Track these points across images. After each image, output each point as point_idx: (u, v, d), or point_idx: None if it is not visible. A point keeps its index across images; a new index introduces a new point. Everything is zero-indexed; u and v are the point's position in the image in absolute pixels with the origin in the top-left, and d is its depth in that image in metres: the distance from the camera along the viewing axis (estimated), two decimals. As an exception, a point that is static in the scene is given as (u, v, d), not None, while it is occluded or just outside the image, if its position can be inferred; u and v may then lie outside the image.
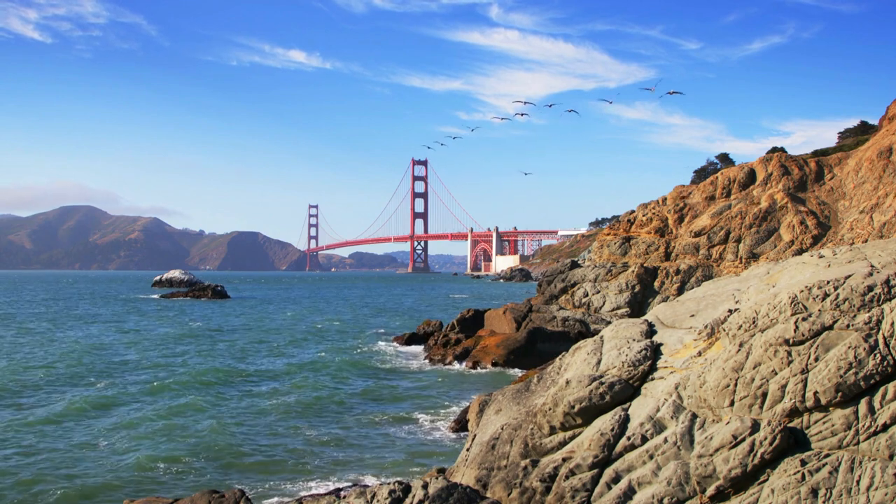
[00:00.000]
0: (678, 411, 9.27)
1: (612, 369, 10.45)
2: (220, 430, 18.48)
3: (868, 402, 8.10)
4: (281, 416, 20.38)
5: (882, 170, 39.97)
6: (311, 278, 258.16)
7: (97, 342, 38.76)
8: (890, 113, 45.94)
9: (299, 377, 27.34)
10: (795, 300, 9.07)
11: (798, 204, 40.44)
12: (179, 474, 14.94)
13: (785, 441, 8.19)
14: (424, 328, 41.41)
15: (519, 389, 12.40)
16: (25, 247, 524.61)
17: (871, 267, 9.40)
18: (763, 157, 45.38)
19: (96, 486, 14.19)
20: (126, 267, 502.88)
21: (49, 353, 33.56)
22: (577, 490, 9.17)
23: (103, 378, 26.68)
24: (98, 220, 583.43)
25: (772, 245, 38.74)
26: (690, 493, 8.46)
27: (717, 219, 41.17)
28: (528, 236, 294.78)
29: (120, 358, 32.51)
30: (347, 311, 69.49)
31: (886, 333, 8.30)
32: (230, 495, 11.04)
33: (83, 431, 18.46)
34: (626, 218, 52.41)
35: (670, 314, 12.22)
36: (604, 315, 35.89)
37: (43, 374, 27.47)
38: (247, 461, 15.91)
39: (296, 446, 17.17)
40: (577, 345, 12.36)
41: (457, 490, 9.16)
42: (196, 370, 28.99)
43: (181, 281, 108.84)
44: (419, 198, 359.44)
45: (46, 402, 21.99)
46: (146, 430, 18.53)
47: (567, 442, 10.02)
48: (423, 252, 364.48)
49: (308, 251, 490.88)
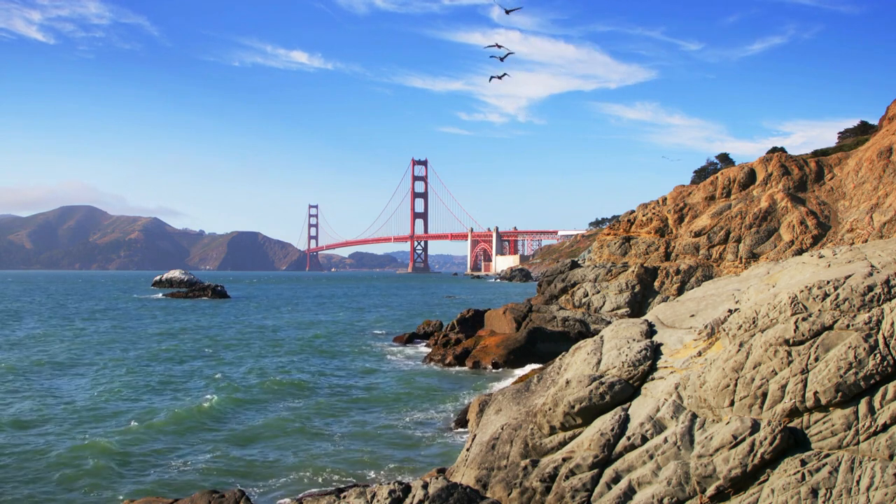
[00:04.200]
0: (678, 411, 9.27)
1: (612, 369, 10.44)
2: (220, 430, 18.47)
3: (868, 402, 8.10)
4: (280, 416, 20.37)
5: (882, 170, 39.98)
6: (311, 278, 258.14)
7: (104, 337, 38.77)
8: (890, 113, 45.95)
9: (298, 377, 27.34)
10: (795, 300, 9.07)
11: (798, 204, 40.43)
12: (179, 474, 14.94)
13: (785, 441, 8.19)
14: (424, 328, 41.41)
15: (519, 389, 12.40)
16: (25, 247, 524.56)
17: (871, 267, 9.40)
18: (763, 158, 45.38)
19: (96, 486, 14.18)
20: (126, 267, 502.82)
21: (55, 348, 33.57)
22: (577, 490, 9.17)
23: (102, 374, 26.69)
24: (98, 220, 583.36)
25: (772, 245, 38.74)
26: (690, 493, 8.46)
27: (717, 219, 41.17)
28: (528, 236, 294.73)
29: (120, 356, 32.50)
30: (347, 310, 69.48)
31: (886, 333, 8.30)
32: (230, 495, 11.04)
33: (83, 431, 18.45)
34: (626, 218, 52.42)
35: (670, 314, 12.23)
36: (604, 315, 35.89)
37: (49, 366, 27.48)
38: (247, 461, 15.90)
39: (295, 446, 17.16)
40: (577, 345, 12.36)
41: (457, 490, 9.16)
42: (194, 370, 29.00)
43: (181, 281, 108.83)
44: (419, 198, 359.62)
45: (48, 401, 21.99)
46: (146, 429, 18.53)
47: (567, 442, 10.02)
48: (423, 252, 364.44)
49: (308, 251, 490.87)
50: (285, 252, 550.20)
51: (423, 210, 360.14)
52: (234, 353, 34.85)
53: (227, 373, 28.43)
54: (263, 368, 29.66)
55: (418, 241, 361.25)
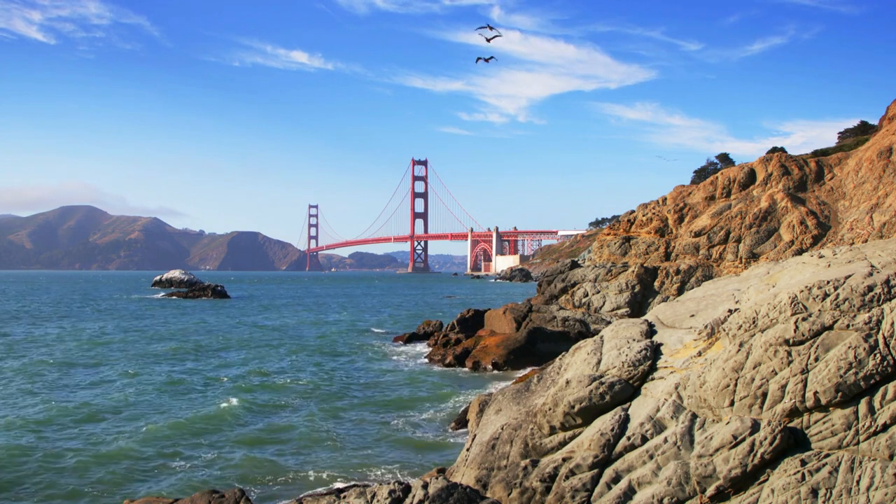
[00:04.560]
0: (678, 411, 9.26)
1: (612, 369, 10.44)
2: (220, 430, 18.47)
3: (868, 402, 8.10)
4: (279, 416, 20.38)
5: (882, 170, 39.97)
6: (311, 278, 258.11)
7: (105, 338, 38.76)
8: (890, 113, 45.94)
9: (298, 376, 27.35)
10: (795, 300, 9.07)
11: (798, 204, 40.43)
12: (179, 474, 14.94)
13: (785, 441, 8.18)
14: (424, 328, 41.41)
15: (519, 389, 12.40)
16: (25, 247, 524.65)
17: (871, 267, 9.39)
18: (763, 157, 45.36)
19: (96, 486, 14.18)
20: (126, 267, 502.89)
21: (58, 349, 33.58)
22: (577, 490, 9.17)
23: (102, 375, 26.69)
24: (98, 220, 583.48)
25: (772, 245, 38.73)
26: (690, 493, 8.45)
27: (717, 219, 41.17)
28: (528, 236, 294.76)
29: (120, 356, 32.52)
30: (347, 310, 69.47)
31: (886, 333, 8.30)
32: (230, 495, 11.03)
33: (82, 430, 18.45)
34: (626, 218, 52.40)
35: (670, 314, 12.22)
36: (604, 315, 35.88)
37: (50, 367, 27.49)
38: (246, 461, 15.90)
39: (295, 446, 17.17)
40: (577, 345, 12.35)
41: (457, 490, 9.15)
42: (193, 370, 29.00)
43: (181, 281, 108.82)
44: (419, 198, 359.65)
45: (51, 403, 21.99)
46: (146, 429, 18.53)
47: (567, 442, 10.02)
48: (423, 252, 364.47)
49: (308, 251, 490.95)
50: (285, 252, 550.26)
51: (423, 210, 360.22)
52: (234, 354, 34.84)
53: (226, 373, 28.44)
54: (263, 369, 29.65)
55: (418, 241, 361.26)
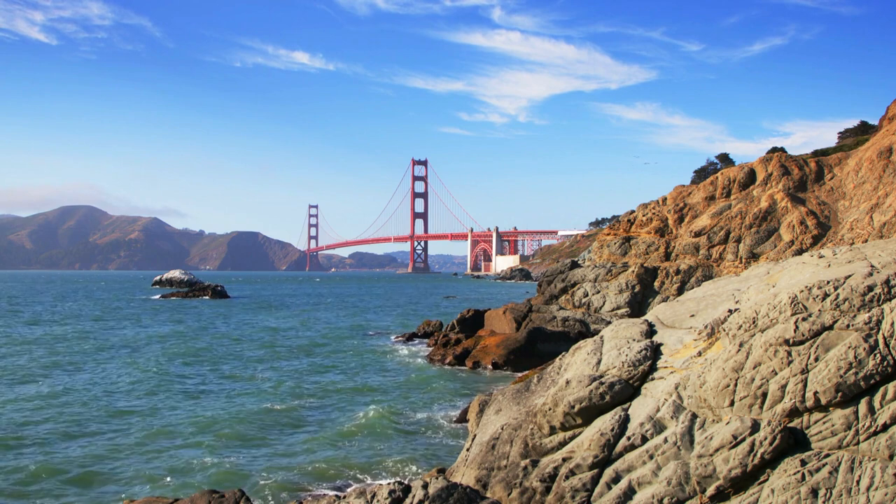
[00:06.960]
0: (678, 411, 9.26)
1: (612, 369, 10.44)
2: (220, 430, 18.47)
3: (868, 402, 8.10)
4: (279, 416, 20.38)
5: (882, 170, 39.96)
6: (311, 278, 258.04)
7: (106, 339, 38.77)
8: (890, 113, 45.93)
9: (297, 376, 27.35)
10: (795, 300, 9.07)
11: (798, 204, 40.42)
12: (179, 474, 14.94)
13: (785, 441, 8.18)
14: (424, 328, 41.43)
15: (519, 389, 12.40)
16: (25, 247, 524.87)
17: (871, 267, 9.39)
18: (763, 158, 45.35)
19: (96, 486, 14.18)
20: (126, 267, 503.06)
21: (60, 350, 33.58)
22: (577, 490, 9.16)
23: (103, 375, 26.69)
24: (98, 221, 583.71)
25: (772, 245, 38.73)
26: (690, 493, 8.45)
27: (717, 219, 41.17)
28: (528, 236, 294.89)
29: (121, 354, 32.52)
30: (347, 310, 69.47)
31: (886, 333, 8.30)
32: (230, 495, 11.03)
33: (83, 430, 18.45)
34: (626, 218, 52.38)
35: (670, 314, 12.22)
36: (604, 315, 35.88)
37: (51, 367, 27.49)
38: (246, 461, 15.90)
39: (294, 446, 17.17)
40: (577, 345, 12.35)
41: (457, 490, 9.15)
42: (193, 370, 28.99)
43: (181, 281, 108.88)
44: (419, 198, 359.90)
45: (51, 402, 22.00)
46: (146, 429, 18.53)
47: (567, 442, 10.02)
48: (423, 252, 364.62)
49: (308, 251, 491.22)
50: (285, 252, 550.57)
51: (423, 210, 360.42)
52: (233, 354, 34.84)
53: (226, 373, 28.44)
54: (262, 368, 29.65)
55: (418, 242, 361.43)
